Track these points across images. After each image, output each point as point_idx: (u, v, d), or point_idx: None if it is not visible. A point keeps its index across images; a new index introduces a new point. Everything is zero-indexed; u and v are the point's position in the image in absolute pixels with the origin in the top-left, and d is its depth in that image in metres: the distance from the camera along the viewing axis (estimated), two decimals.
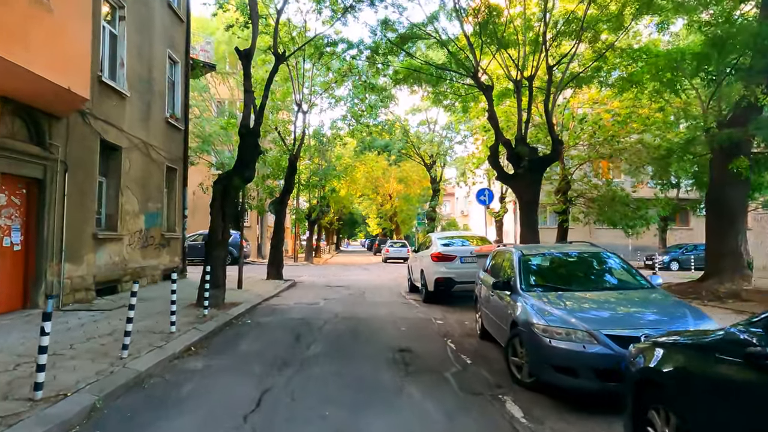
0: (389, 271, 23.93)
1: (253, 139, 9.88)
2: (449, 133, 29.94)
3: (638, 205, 17.58)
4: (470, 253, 11.09)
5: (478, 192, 15.83)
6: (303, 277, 19.12)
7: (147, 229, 12.66)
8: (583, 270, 6.33)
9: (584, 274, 6.23)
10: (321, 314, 9.68)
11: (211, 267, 9.33)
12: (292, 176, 16.64)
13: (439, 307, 10.81)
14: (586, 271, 6.29)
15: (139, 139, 12.02)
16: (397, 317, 9.46)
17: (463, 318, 9.43)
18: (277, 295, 12.80)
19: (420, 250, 13.39)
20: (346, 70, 17.20)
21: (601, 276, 6.21)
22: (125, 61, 11.25)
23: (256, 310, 10.03)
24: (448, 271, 11.06)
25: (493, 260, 7.83)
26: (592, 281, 6.06)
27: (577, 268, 6.41)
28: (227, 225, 9.77)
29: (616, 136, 16.20)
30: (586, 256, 6.53)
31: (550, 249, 6.77)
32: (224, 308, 9.37)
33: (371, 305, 11.18)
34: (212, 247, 9.55)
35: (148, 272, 12.69)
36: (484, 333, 7.30)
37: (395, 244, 34.18)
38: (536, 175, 12.85)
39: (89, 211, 9.85)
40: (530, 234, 12.69)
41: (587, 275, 6.21)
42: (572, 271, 6.38)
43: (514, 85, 13.84)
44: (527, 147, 13.10)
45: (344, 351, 6.65)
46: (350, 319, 9.21)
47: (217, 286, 9.44)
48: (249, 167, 9.95)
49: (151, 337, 6.71)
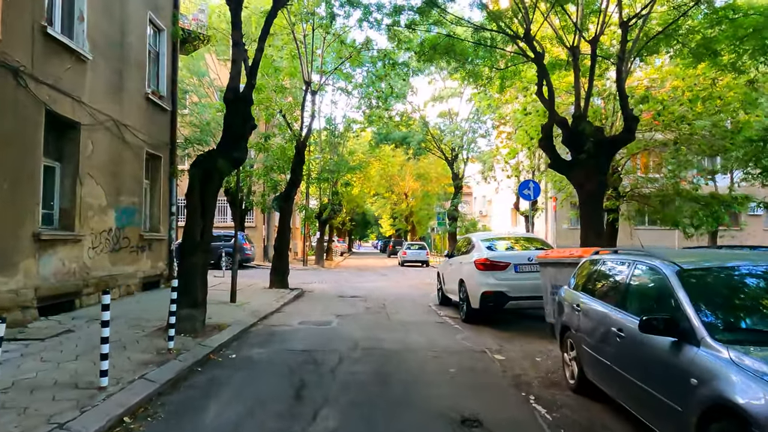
0: (409, 276, 21.36)
1: (243, 107, 7.39)
2: (473, 124, 27.31)
3: (707, 201, 14.85)
4: (528, 260, 8.51)
5: (521, 185, 13.25)
6: (312, 284, 16.65)
7: (119, 228, 10.25)
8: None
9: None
10: (333, 342, 7.16)
11: (184, 279, 6.86)
12: (299, 167, 14.16)
13: (488, 330, 8.24)
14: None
15: (107, 115, 9.62)
16: (438, 349, 6.90)
17: (529, 349, 6.84)
18: (278, 310, 10.31)
19: (455, 255, 10.83)
20: (363, 44, 14.70)
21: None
22: (86, 14, 8.85)
23: (247, 336, 7.52)
24: (499, 282, 8.47)
25: (587, 272, 5.26)
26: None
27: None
28: (208, 222, 7.29)
29: (686, 118, 13.47)
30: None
31: (718, 257, 4.10)
32: (203, 335, 6.89)
33: (398, 327, 8.64)
34: (187, 252, 7.09)
35: (120, 281, 10.27)
36: (584, 383, 4.74)
37: (413, 246, 31.53)
38: (602, 161, 10.24)
39: (27, 205, 7.42)
40: (593, 235, 10.09)
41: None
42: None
43: (570, 52, 11.26)
44: (591, 126, 10.50)
45: (374, 425, 4.12)
46: (374, 352, 6.67)
47: (194, 304, 6.96)
48: (239, 145, 7.46)
49: (64, 397, 4.23)
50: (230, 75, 7.44)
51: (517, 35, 11.05)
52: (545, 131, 10.91)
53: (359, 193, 38.22)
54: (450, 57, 13.07)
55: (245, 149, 7.61)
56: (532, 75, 14.09)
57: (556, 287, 7.40)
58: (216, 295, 10.94)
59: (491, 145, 28.20)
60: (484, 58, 13.09)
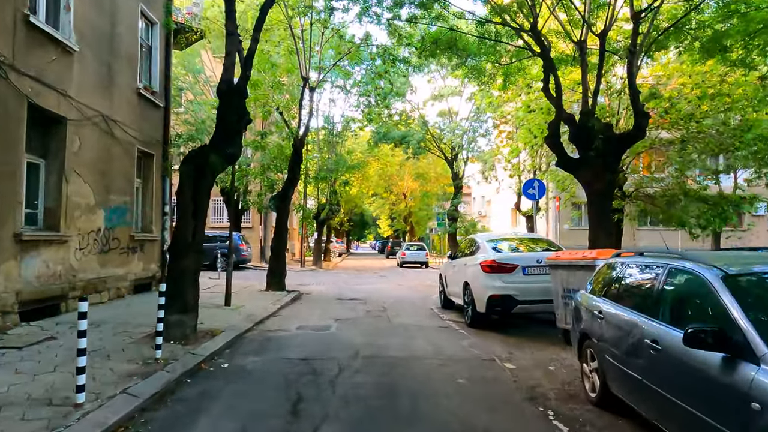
0: (408, 278, 20.95)
1: (237, 100, 6.98)
2: (473, 123, 26.92)
3: (715, 201, 14.48)
4: (537, 262, 8.12)
5: (525, 184, 12.84)
6: (310, 285, 16.24)
7: (109, 228, 9.82)
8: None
9: None
10: (333, 350, 6.75)
11: (174, 283, 6.45)
12: (297, 165, 13.73)
13: (495, 336, 7.84)
14: None
15: (96, 111, 9.19)
16: (444, 356, 6.50)
17: (540, 357, 6.45)
18: (275, 314, 9.89)
19: (459, 257, 10.43)
20: (362, 40, 14.30)
21: None
22: (72, 4, 8.42)
23: (241, 343, 7.10)
24: (507, 285, 8.07)
25: (607, 276, 4.88)
26: None
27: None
28: (200, 222, 6.87)
29: (694, 116, 13.09)
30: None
31: (761, 260, 3.70)
32: (194, 342, 6.47)
33: (401, 331, 8.23)
34: (178, 254, 6.67)
35: (110, 284, 9.84)
36: (607, 397, 4.35)
37: (412, 247, 31.10)
38: (611, 159, 9.86)
39: (8, 204, 6.99)
40: (603, 235, 9.72)
41: None
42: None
43: (577, 46, 10.90)
44: (600, 122, 10.13)
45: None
46: (376, 360, 6.26)
47: (184, 310, 6.54)
48: (233, 141, 7.04)
49: (35, 416, 3.80)
50: (224, 66, 7.02)
51: (523, 28, 10.68)
52: (552, 128, 10.52)
53: (357, 193, 37.78)
54: (452, 53, 12.68)
55: (239, 145, 7.18)
56: (536, 72, 13.76)
57: (568, 291, 7.02)
58: (210, 297, 10.52)
59: (491, 145, 27.83)
60: (487, 54, 12.71)
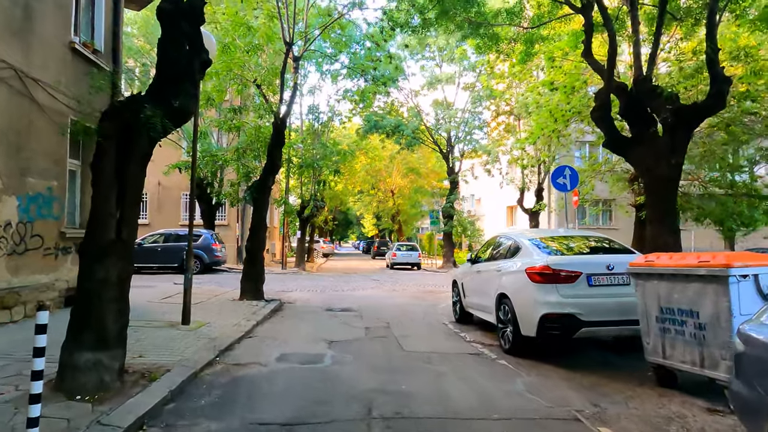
0: (403, 282, 18.68)
1: (189, 27, 4.63)
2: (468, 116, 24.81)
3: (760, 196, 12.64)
4: (608, 269, 5.96)
5: (554, 173, 10.72)
6: (293, 292, 13.93)
7: (25, 222, 7.37)
8: None
9: None
10: (332, 402, 4.47)
11: (86, 305, 4.11)
12: (277, 149, 11.36)
13: (553, 370, 5.64)
14: None
15: (2, 61, 6.74)
16: (501, 413, 4.25)
17: (646, 413, 4.25)
18: (249, 334, 7.55)
19: (483, 260, 8.22)
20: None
21: None
22: None
23: (194, 391, 4.75)
24: (566, 301, 5.87)
25: None
26: None
27: None
28: (129, 210, 4.52)
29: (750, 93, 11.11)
30: None
31: None
32: (116, 395, 4.12)
33: (420, 364, 5.98)
34: (91, 260, 4.31)
35: (25, 297, 7.37)
36: None
37: (403, 247, 28.79)
38: (680, 135, 7.78)
39: None
40: (666, 232, 7.69)
41: None
42: None
43: (627, 3, 8.86)
44: (665, 90, 8.03)
45: None
46: (402, 425, 4.00)
47: (102, 344, 4.19)
48: (181, 88, 4.65)
49: None
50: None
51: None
52: (600, 99, 8.40)
53: (343, 189, 35.42)
54: (467, 12, 10.49)
55: (193, 95, 4.78)
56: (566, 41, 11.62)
57: (668, 311, 4.91)
58: (165, 312, 8.20)
59: (486, 138, 25.83)
60: (509, 14, 10.55)
